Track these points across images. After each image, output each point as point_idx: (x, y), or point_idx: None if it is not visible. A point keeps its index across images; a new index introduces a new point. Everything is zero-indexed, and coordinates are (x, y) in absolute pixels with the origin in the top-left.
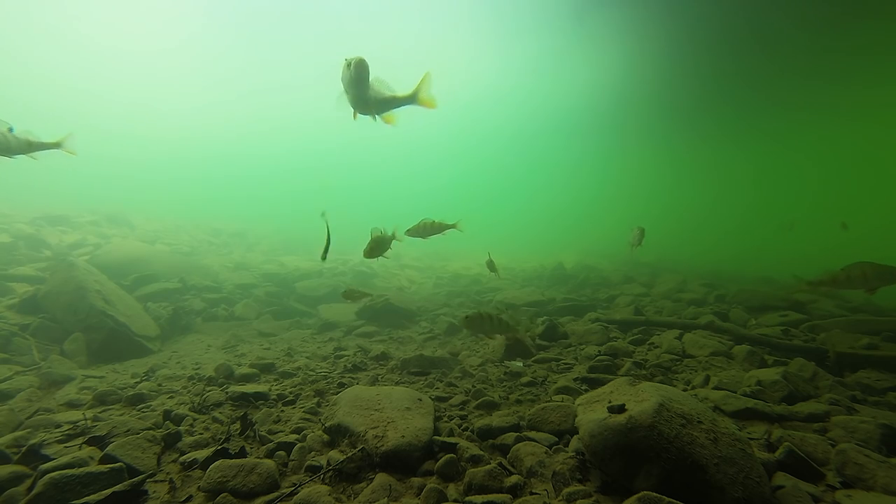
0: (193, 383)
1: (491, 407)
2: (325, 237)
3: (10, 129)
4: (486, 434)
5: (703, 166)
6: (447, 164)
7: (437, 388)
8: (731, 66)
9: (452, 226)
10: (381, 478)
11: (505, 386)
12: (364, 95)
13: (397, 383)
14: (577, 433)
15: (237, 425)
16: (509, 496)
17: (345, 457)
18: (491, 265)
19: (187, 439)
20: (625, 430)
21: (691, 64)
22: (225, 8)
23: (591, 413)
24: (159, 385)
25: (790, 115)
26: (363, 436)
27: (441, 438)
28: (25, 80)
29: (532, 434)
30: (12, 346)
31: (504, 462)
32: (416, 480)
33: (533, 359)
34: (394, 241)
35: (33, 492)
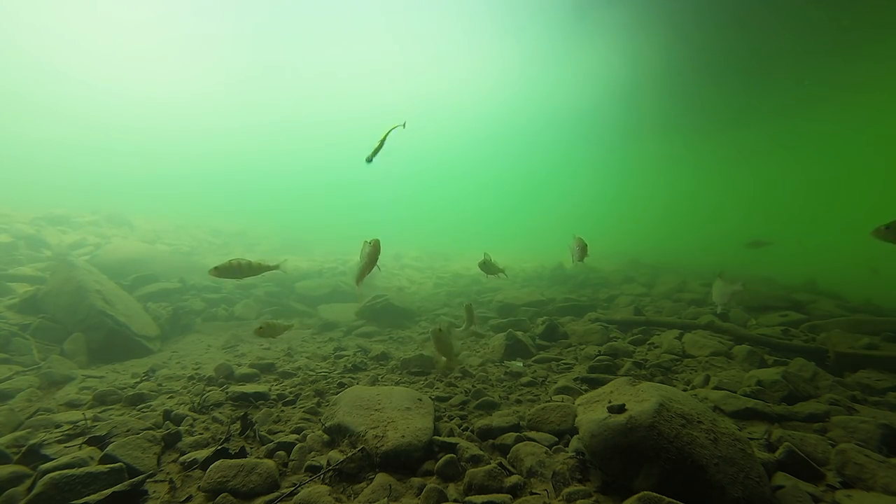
0: (193, 383)
1: (491, 407)
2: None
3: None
4: (486, 434)
5: (717, 158)
6: (449, 172)
7: (437, 388)
8: (744, 43)
9: (274, 267)
10: (381, 478)
11: (505, 386)
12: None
13: (397, 383)
14: (577, 433)
15: (237, 425)
16: (509, 496)
17: (345, 457)
18: (487, 266)
19: (187, 439)
20: (625, 430)
21: (701, 46)
22: (241, 8)
23: (591, 413)
24: (159, 385)
25: (806, 92)
26: (363, 436)
27: (441, 438)
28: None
29: (532, 434)
30: (12, 346)
31: (504, 462)
32: (416, 480)
33: (533, 359)
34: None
35: (33, 492)
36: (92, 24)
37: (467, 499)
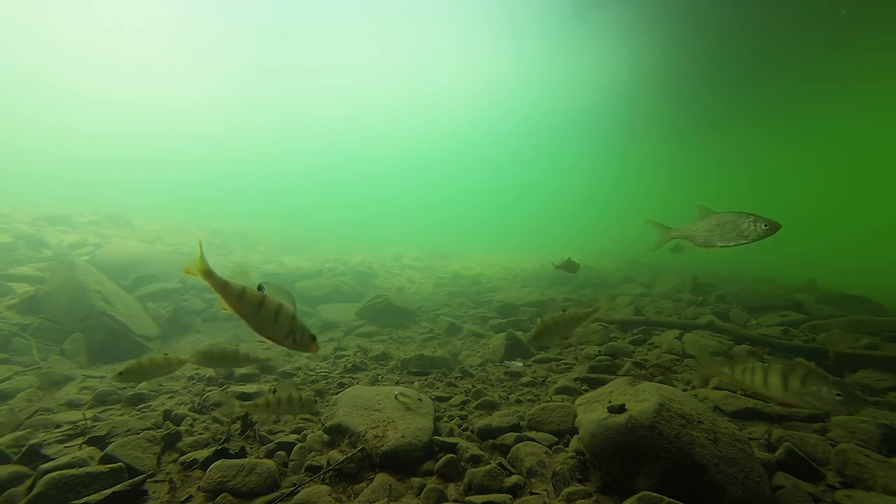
0: (193, 383)
1: (491, 407)
2: None
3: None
4: (486, 434)
5: (714, 158)
6: (451, 171)
7: (437, 388)
8: (743, 40)
9: None
10: (381, 478)
11: (505, 386)
12: None
13: (397, 383)
14: (577, 433)
15: (237, 425)
16: (509, 496)
17: (345, 457)
18: (570, 265)
19: (187, 439)
20: (625, 430)
21: (700, 45)
22: (238, 11)
23: (591, 413)
24: (159, 385)
25: (807, 85)
26: (363, 436)
27: (441, 438)
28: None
29: (532, 434)
30: (12, 346)
31: (504, 462)
32: (416, 480)
33: (533, 359)
34: None
35: (33, 492)
36: (93, 32)
37: (467, 499)
